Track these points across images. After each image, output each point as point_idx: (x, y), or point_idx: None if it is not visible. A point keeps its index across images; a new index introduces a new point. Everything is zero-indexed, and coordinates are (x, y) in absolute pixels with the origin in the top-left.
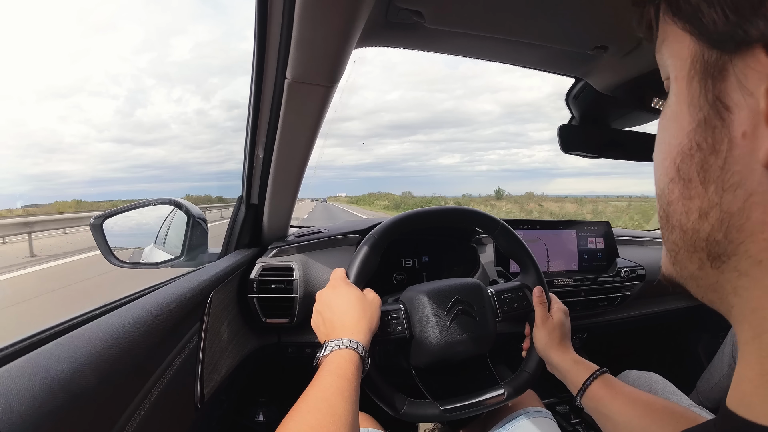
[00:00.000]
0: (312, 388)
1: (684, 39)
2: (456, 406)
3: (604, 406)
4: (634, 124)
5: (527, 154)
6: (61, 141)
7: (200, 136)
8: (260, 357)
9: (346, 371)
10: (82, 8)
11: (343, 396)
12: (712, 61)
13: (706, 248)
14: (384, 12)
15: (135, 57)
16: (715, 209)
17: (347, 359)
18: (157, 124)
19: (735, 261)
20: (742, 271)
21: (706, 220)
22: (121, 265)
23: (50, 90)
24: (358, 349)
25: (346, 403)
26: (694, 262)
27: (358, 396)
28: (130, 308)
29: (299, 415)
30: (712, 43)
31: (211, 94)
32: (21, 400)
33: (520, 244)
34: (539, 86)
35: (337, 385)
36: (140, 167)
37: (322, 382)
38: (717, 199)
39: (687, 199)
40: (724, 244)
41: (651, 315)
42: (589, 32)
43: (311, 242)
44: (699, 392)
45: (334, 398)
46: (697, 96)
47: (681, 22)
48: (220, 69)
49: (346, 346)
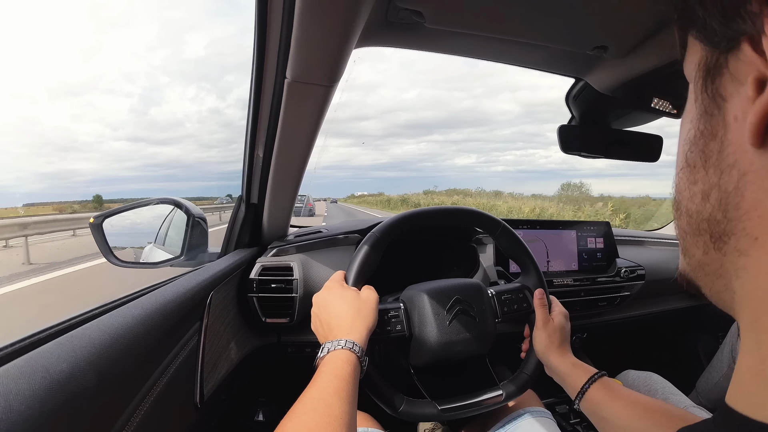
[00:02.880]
0: (309, 389)
1: (696, 47)
2: (454, 405)
3: (602, 410)
4: (634, 124)
5: (544, 155)
6: (76, 140)
7: (215, 135)
8: (260, 357)
9: (342, 371)
10: (93, 3)
11: (340, 396)
12: (713, 61)
13: (709, 229)
14: (384, 12)
15: (149, 54)
16: (715, 189)
17: (344, 359)
18: (171, 123)
19: (734, 240)
20: (741, 250)
21: (708, 201)
22: (120, 264)
23: (63, 88)
24: (354, 349)
25: (343, 403)
26: (699, 246)
27: (356, 396)
28: (130, 308)
29: (296, 416)
30: (713, 44)
31: (226, 92)
32: (21, 399)
33: (521, 245)
34: (560, 85)
35: (334, 385)
36: (155, 166)
37: (319, 383)
38: (716, 180)
39: (692, 183)
40: (723, 223)
41: (651, 315)
42: (589, 32)
43: (311, 242)
44: (698, 392)
45: (330, 398)
46: (701, 92)
47: (694, 31)
48: (235, 66)
49: (342, 347)
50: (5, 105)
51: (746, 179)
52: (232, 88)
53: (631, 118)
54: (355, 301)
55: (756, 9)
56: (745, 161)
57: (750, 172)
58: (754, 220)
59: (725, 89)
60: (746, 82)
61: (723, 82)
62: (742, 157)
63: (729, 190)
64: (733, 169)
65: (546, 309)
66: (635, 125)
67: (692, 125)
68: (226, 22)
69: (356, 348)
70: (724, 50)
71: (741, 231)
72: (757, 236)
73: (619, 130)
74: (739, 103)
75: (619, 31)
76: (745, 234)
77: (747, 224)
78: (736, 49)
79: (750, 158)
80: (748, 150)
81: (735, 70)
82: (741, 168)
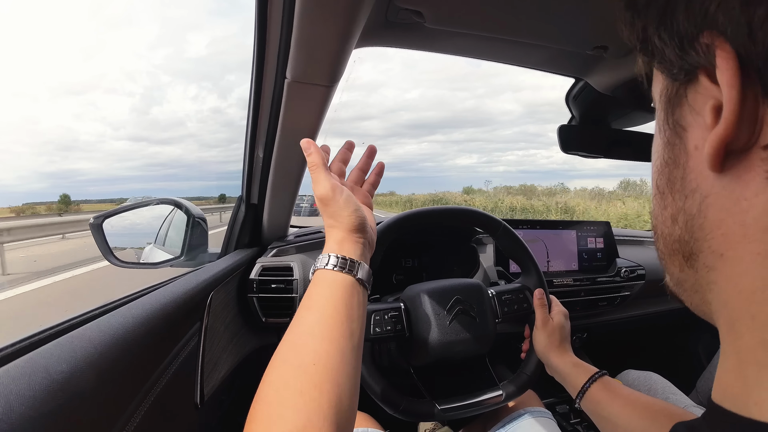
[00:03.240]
0: (312, 312)
1: (659, 77)
2: (453, 405)
3: (603, 409)
4: (634, 124)
5: (546, 155)
6: (77, 139)
7: (217, 135)
8: (260, 357)
9: (345, 298)
10: (95, 1)
11: (351, 333)
12: (673, 92)
13: (680, 249)
14: (384, 12)
15: (150, 53)
16: (681, 213)
17: (350, 282)
18: (173, 122)
19: (703, 258)
20: (710, 266)
21: (677, 224)
22: (120, 264)
23: (64, 87)
24: (347, 268)
25: (355, 327)
26: (675, 264)
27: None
28: (130, 308)
29: (310, 338)
30: (673, 76)
31: (227, 91)
32: (21, 400)
33: (522, 245)
34: (561, 85)
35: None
36: (156, 165)
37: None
38: (681, 204)
39: (663, 209)
40: (691, 243)
41: (651, 315)
42: (589, 32)
43: (311, 242)
44: (699, 392)
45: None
46: (663, 121)
47: (656, 63)
48: (237, 65)
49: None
50: (6, 103)
51: (707, 202)
52: (233, 88)
53: (631, 118)
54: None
55: (708, 41)
56: (705, 185)
57: (711, 195)
58: (718, 238)
59: (684, 119)
60: (704, 112)
61: (683, 112)
62: (703, 182)
63: (693, 212)
64: (696, 193)
65: (545, 309)
66: (635, 125)
67: (658, 154)
68: (228, 20)
69: (365, 273)
70: (683, 82)
71: (707, 249)
72: (722, 253)
73: (619, 130)
74: (698, 132)
75: (619, 31)
76: (711, 251)
77: (712, 243)
78: (694, 80)
79: (711, 182)
80: (709, 175)
81: (693, 100)
82: (702, 192)
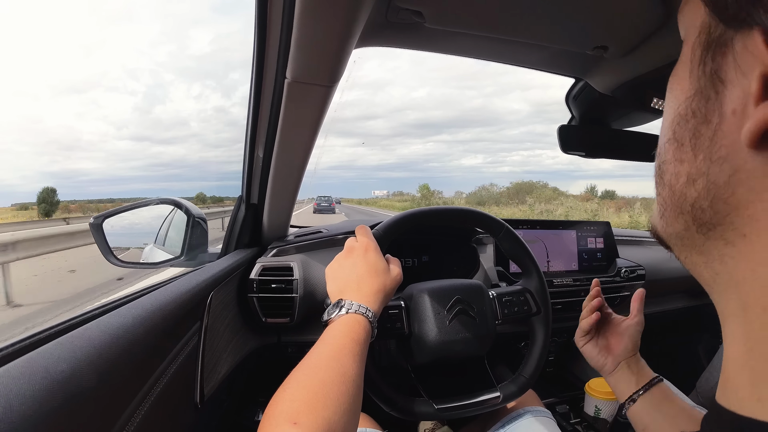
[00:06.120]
0: (323, 346)
1: (699, 8)
2: (451, 405)
3: (653, 419)
4: (634, 124)
5: (551, 156)
6: (80, 138)
7: (221, 134)
8: (260, 357)
9: (359, 335)
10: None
11: (355, 359)
12: (717, 36)
13: (692, 213)
14: (384, 12)
15: (152, 50)
16: (703, 178)
17: (361, 324)
18: (176, 122)
19: (721, 230)
20: (728, 240)
21: (693, 187)
22: (120, 264)
23: (65, 85)
24: (369, 316)
25: (357, 366)
26: (680, 222)
27: (365, 361)
28: (130, 308)
29: (311, 370)
30: (721, 17)
31: (231, 89)
32: (21, 400)
33: (524, 248)
34: (570, 84)
35: (350, 347)
36: (159, 165)
37: (333, 343)
38: (705, 169)
39: (678, 161)
40: (709, 213)
41: (651, 315)
42: (589, 32)
43: (311, 242)
44: (699, 392)
45: (345, 359)
46: (698, 65)
47: None
48: (241, 63)
49: (363, 313)
50: (8, 102)
51: (738, 177)
52: (237, 86)
53: (631, 118)
54: (385, 274)
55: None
56: (738, 159)
57: (742, 171)
58: (743, 218)
59: (726, 73)
60: (751, 76)
61: (725, 64)
62: (736, 154)
63: (719, 183)
64: (725, 163)
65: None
66: (635, 125)
67: (684, 100)
68: (232, 16)
69: (371, 315)
70: (732, 29)
71: (729, 224)
72: (746, 233)
73: (619, 130)
74: (739, 95)
75: (619, 31)
76: (733, 228)
77: (735, 220)
78: (747, 35)
79: (744, 157)
80: (742, 149)
81: (741, 56)
82: (733, 164)
